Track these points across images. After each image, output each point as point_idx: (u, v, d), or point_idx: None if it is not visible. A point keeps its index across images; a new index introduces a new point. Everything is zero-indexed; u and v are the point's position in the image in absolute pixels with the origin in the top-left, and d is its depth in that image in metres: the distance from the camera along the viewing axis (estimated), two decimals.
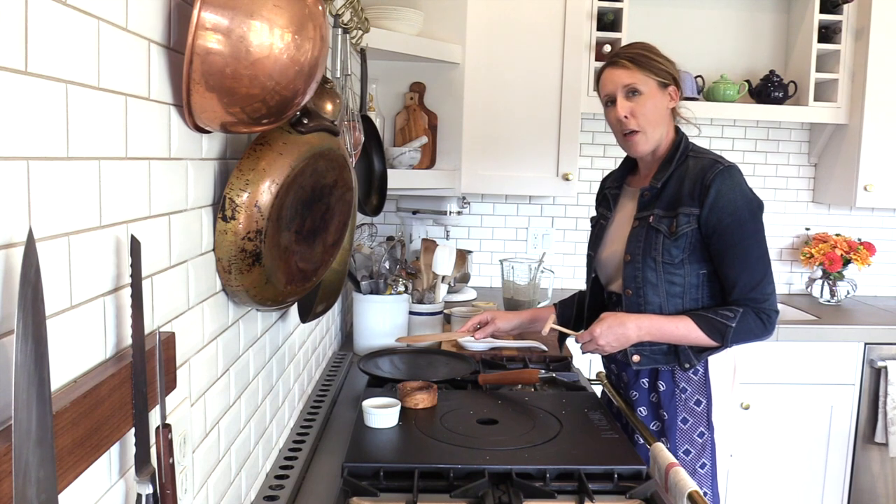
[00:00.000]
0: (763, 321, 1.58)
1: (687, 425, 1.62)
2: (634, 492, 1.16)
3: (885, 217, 3.25)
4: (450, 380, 1.69)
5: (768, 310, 1.58)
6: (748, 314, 1.57)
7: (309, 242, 1.05)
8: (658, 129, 1.65)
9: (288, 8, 0.76)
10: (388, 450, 1.28)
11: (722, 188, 1.57)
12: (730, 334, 1.56)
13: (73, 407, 0.55)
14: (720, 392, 1.64)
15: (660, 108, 1.64)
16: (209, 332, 0.93)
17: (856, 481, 2.69)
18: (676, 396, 1.62)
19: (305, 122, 0.97)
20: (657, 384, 1.65)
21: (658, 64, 1.63)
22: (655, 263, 1.61)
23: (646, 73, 1.62)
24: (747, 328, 1.57)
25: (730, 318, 1.56)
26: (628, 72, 1.62)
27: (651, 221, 1.62)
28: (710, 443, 1.61)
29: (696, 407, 1.62)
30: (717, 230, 1.57)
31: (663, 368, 1.64)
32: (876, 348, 2.65)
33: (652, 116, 1.63)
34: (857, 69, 2.88)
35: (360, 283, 2.03)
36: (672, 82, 1.65)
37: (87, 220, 0.62)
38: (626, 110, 1.62)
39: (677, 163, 1.64)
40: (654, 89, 1.63)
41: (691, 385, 1.62)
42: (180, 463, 0.80)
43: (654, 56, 1.65)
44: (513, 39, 2.69)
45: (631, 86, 1.62)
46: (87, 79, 0.60)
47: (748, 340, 1.59)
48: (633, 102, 1.62)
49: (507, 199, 3.15)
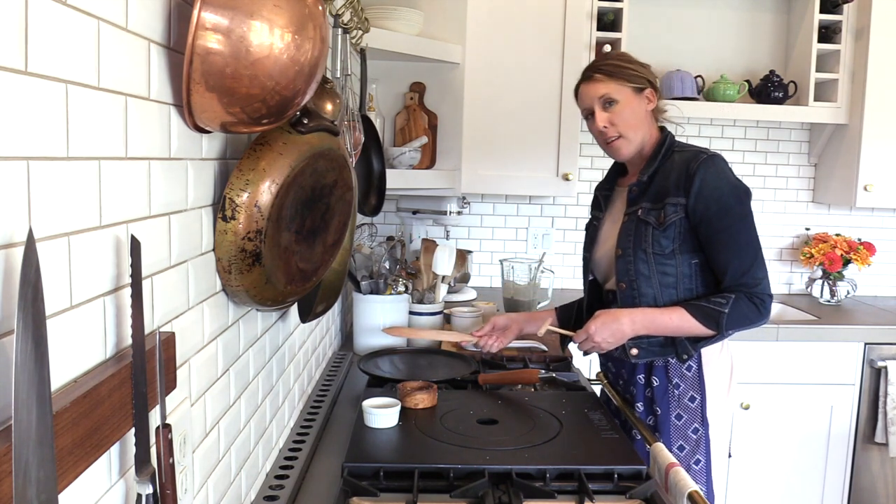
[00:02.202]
0: (756, 305, 1.58)
1: (681, 421, 1.64)
2: (634, 492, 1.15)
3: (885, 217, 3.25)
4: (450, 380, 1.69)
5: (761, 294, 1.59)
6: (741, 300, 1.58)
7: (309, 242, 1.05)
8: (639, 132, 1.68)
9: (288, 8, 0.76)
10: (388, 450, 1.28)
11: (706, 176, 1.59)
12: (724, 321, 1.57)
13: (73, 407, 0.55)
14: (717, 390, 1.65)
15: (637, 112, 1.67)
16: (209, 332, 0.93)
17: (856, 481, 2.69)
18: (670, 392, 1.64)
19: (305, 122, 0.97)
20: (651, 380, 1.67)
21: (630, 71, 1.66)
22: (647, 255, 1.63)
23: (619, 81, 1.66)
24: (741, 314, 1.58)
25: (722, 305, 1.57)
26: (602, 84, 1.66)
27: (640, 214, 1.65)
28: (704, 439, 1.63)
29: (690, 403, 1.63)
30: (704, 218, 1.59)
31: (658, 364, 1.66)
32: (876, 348, 2.65)
33: (631, 121, 1.66)
34: (857, 69, 2.88)
35: (360, 283, 2.03)
36: (648, 85, 1.68)
37: (87, 220, 0.61)
38: (605, 121, 1.67)
39: (662, 158, 1.67)
40: (629, 96, 1.66)
41: (685, 381, 1.64)
42: (180, 463, 0.80)
43: (626, 64, 1.67)
44: (513, 40, 2.69)
45: (606, 96, 1.66)
46: (87, 79, 0.60)
47: (744, 326, 1.59)
48: (609, 112, 1.66)
49: (507, 199, 3.15)
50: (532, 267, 2.49)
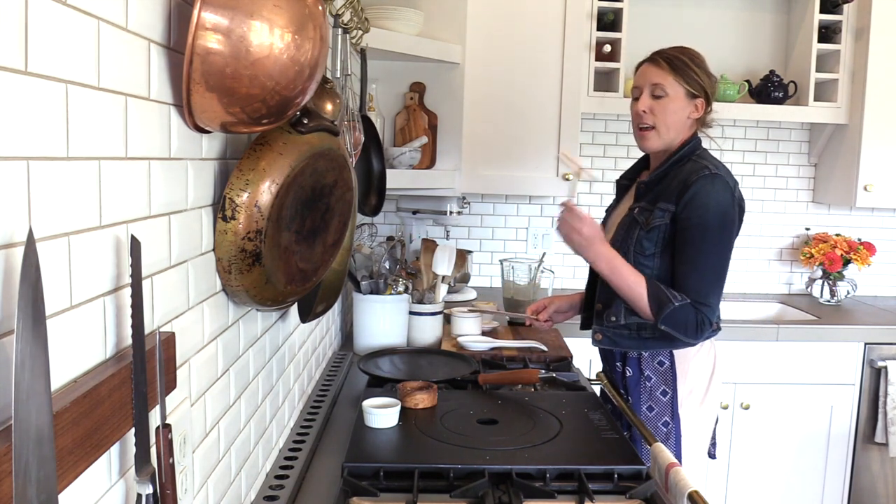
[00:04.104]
0: (698, 323, 1.61)
1: (652, 413, 1.68)
2: (634, 492, 1.15)
3: (885, 217, 3.25)
4: (450, 380, 1.69)
5: (706, 317, 1.62)
6: (691, 310, 1.61)
7: (309, 242, 1.05)
8: (672, 132, 1.69)
9: (288, 8, 0.76)
10: (388, 450, 1.28)
11: (700, 190, 1.61)
12: (666, 310, 1.60)
13: (73, 407, 0.55)
14: (693, 388, 1.69)
15: (680, 114, 1.68)
16: (209, 332, 0.93)
17: (856, 481, 2.69)
18: (642, 384, 1.70)
19: (305, 122, 0.97)
20: (626, 370, 1.73)
21: (693, 74, 1.67)
22: (629, 253, 1.67)
23: (678, 77, 1.67)
24: (683, 319, 1.61)
25: (676, 299, 1.61)
26: (661, 72, 1.68)
27: (635, 213, 1.69)
28: (675, 433, 1.67)
29: (661, 397, 1.68)
30: (683, 227, 1.62)
31: (631, 356, 1.71)
32: (876, 348, 2.65)
33: (670, 119, 1.68)
34: (857, 69, 2.88)
35: (360, 283, 2.03)
36: (702, 95, 1.69)
37: (87, 220, 0.61)
38: (647, 106, 1.69)
39: (675, 162, 1.69)
40: (680, 95, 1.67)
41: (657, 375, 1.69)
42: (180, 463, 0.80)
43: (694, 66, 1.68)
44: (513, 39, 2.69)
45: (659, 85, 1.67)
46: (87, 79, 0.60)
47: (675, 331, 1.62)
48: (655, 101, 1.68)
49: (507, 199, 3.15)
50: (532, 267, 2.49)
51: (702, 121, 1.73)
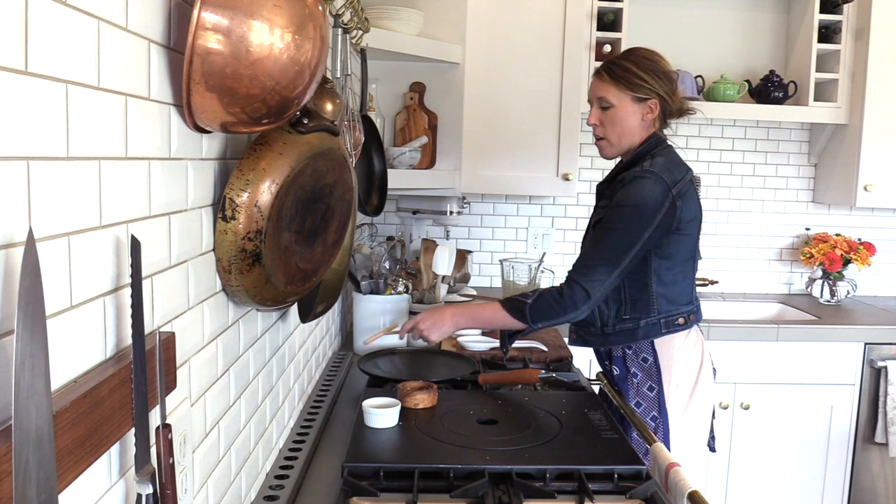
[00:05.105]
0: (567, 296, 1.62)
1: (640, 408, 1.71)
2: (634, 492, 1.15)
3: (885, 217, 3.25)
4: (450, 380, 1.69)
5: (578, 282, 1.63)
6: (546, 293, 1.66)
7: (309, 242, 1.05)
8: (625, 139, 1.72)
9: (288, 8, 0.76)
10: (388, 450, 1.28)
11: (628, 185, 1.64)
12: (527, 311, 1.65)
13: (73, 407, 0.55)
14: (679, 384, 1.70)
15: (630, 121, 1.70)
16: (209, 332, 0.93)
17: (856, 481, 2.69)
18: (629, 380, 1.72)
19: (305, 122, 0.97)
20: (612, 368, 1.76)
21: (636, 79, 1.67)
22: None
23: (619, 86, 1.68)
24: (546, 305, 1.65)
25: (527, 297, 1.66)
26: (603, 84, 1.70)
27: (592, 215, 1.77)
28: (663, 427, 1.69)
29: (648, 392, 1.70)
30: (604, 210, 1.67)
31: (616, 354, 1.74)
32: (876, 348, 2.65)
33: (619, 129, 1.70)
34: (857, 69, 2.88)
35: (360, 283, 2.03)
36: (653, 96, 1.68)
37: (87, 220, 0.61)
38: (595, 119, 1.74)
39: (629, 164, 1.72)
40: (626, 103, 1.68)
41: (641, 371, 1.71)
42: (180, 463, 0.80)
43: (638, 70, 1.67)
44: (513, 39, 2.69)
45: (603, 98, 1.71)
46: (87, 79, 0.60)
47: (551, 318, 1.65)
48: (603, 113, 1.71)
49: (507, 199, 3.15)
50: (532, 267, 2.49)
51: (666, 115, 1.72)
